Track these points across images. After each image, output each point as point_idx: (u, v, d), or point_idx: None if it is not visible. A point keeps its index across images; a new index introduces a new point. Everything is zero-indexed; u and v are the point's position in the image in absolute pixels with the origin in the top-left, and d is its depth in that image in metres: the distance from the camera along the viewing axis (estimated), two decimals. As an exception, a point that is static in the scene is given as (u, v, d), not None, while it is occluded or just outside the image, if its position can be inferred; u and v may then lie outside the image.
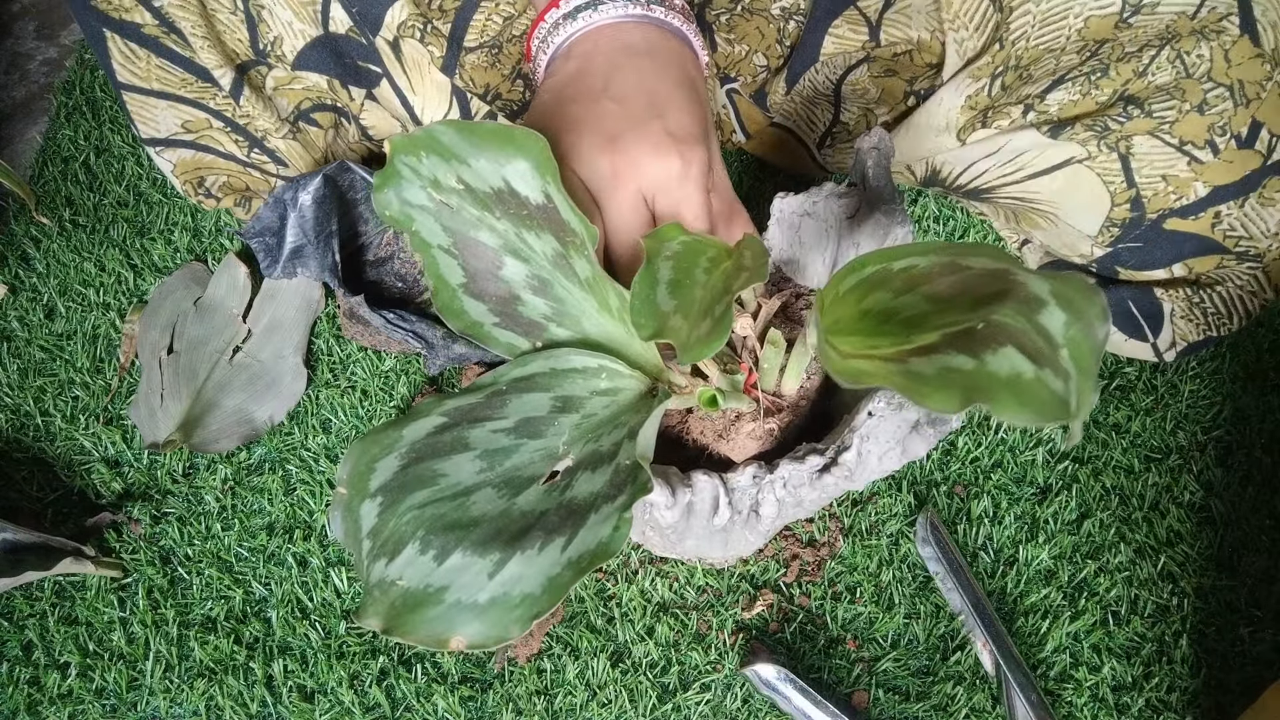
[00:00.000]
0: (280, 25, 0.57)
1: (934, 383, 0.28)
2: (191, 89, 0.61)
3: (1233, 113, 0.49)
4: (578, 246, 0.40)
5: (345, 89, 0.61)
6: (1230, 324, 0.56)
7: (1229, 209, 0.51)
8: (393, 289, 0.64)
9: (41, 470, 0.58)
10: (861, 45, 0.60)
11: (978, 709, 0.48)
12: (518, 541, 0.33)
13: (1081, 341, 0.27)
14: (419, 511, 0.35)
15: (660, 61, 0.47)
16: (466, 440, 0.38)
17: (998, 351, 0.28)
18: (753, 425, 0.41)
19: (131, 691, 0.50)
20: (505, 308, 0.42)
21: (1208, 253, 0.53)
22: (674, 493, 0.37)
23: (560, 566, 0.32)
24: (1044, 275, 0.29)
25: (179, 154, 0.64)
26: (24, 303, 0.65)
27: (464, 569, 0.33)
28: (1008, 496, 0.55)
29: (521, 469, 0.37)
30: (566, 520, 0.34)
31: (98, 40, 0.58)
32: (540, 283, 0.42)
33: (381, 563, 0.34)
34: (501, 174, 0.40)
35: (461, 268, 0.42)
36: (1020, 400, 0.27)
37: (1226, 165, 0.50)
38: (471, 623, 0.32)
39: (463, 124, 0.40)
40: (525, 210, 0.40)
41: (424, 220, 0.41)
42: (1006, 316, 0.28)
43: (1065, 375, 0.27)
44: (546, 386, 0.40)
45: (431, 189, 0.41)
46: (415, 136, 0.40)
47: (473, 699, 0.49)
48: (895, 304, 0.32)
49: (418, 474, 0.37)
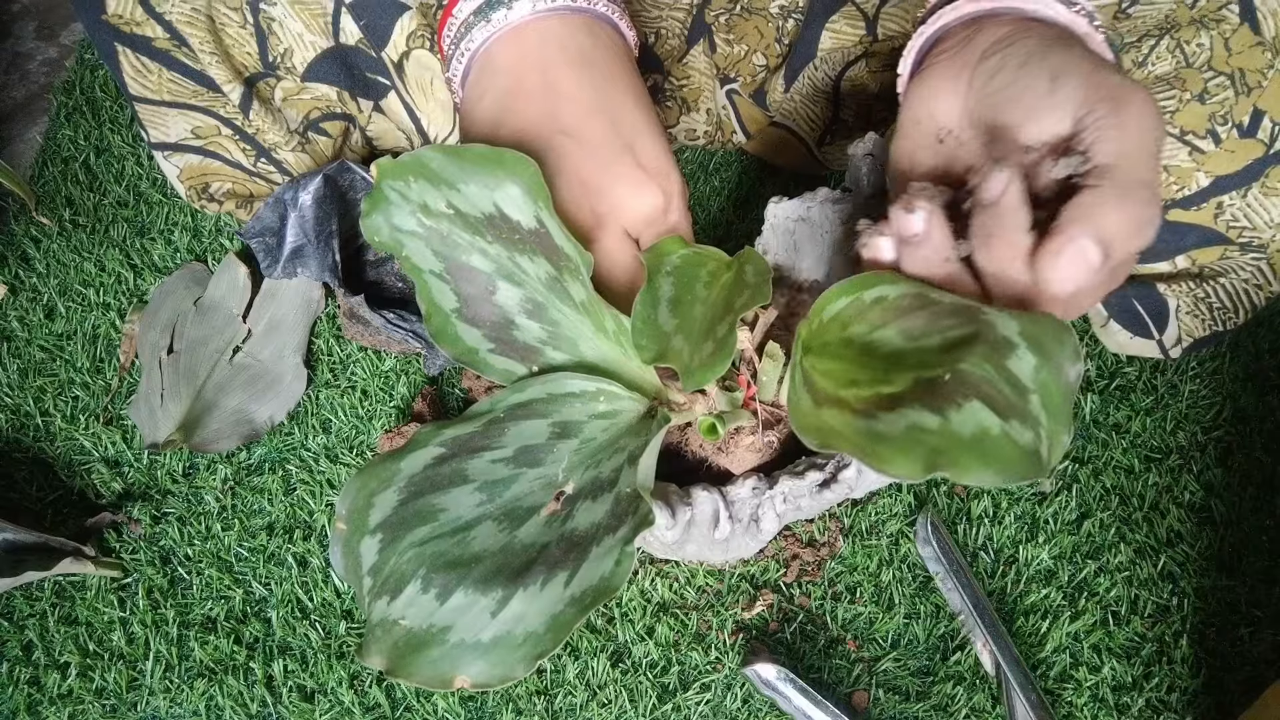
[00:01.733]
0: (291, 37, 0.57)
1: (897, 447, 0.27)
2: (203, 98, 0.61)
3: (1234, 101, 0.49)
4: (572, 270, 0.39)
5: (354, 100, 0.61)
6: (1236, 318, 0.56)
7: (1231, 199, 0.51)
8: (393, 289, 0.64)
9: (41, 470, 0.58)
10: (859, 40, 0.60)
11: (978, 709, 0.48)
12: (520, 578, 0.33)
13: (1051, 385, 0.27)
14: (420, 549, 0.35)
15: (602, 70, 0.44)
16: (465, 472, 0.38)
17: (962, 407, 0.27)
18: (752, 438, 0.41)
19: (131, 691, 0.50)
20: (500, 333, 0.42)
21: (1210, 244, 0.53)
22: (674, 513, 0.37)
23: (563, 604, 0.32)
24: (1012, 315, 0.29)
25: (186, 159, 0.64)
26: (24, 303, 0.65)
27: (466, 608, 0.33)
28: (1008, 496, 0.55)
29: (521, 499, 0.37)
30: (569, 554, 0.34)
31: (110, 54, 0.59)
32: (535, 306, 0.41)
33: (383, 601, 0.34)
34: (492, 199, 0.39)
35: (454, 293, 0.41)
36: (984, 461, 0.26)
37: (1228, 155, 0.50)
38: (475, 662, 0.32)
39: (451, 148, 0.39)
40: (517, 235, 0.40)
41: (414, 245, 0.41)
42: (973, 365, 0.28)
43: (1035, 423, 0.27)
44: (544, 413, 0.40)
45: (421, 214, 0.40)
46: (403, 162, 0.39)
47: (473, 699, 0.49)
48: (873, 338, 0.32)
49: (417, 509, 0.36)
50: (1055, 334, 0.28)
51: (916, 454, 0.27)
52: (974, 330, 0.29)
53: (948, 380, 0.28)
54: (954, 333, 0.30)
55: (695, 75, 0.67)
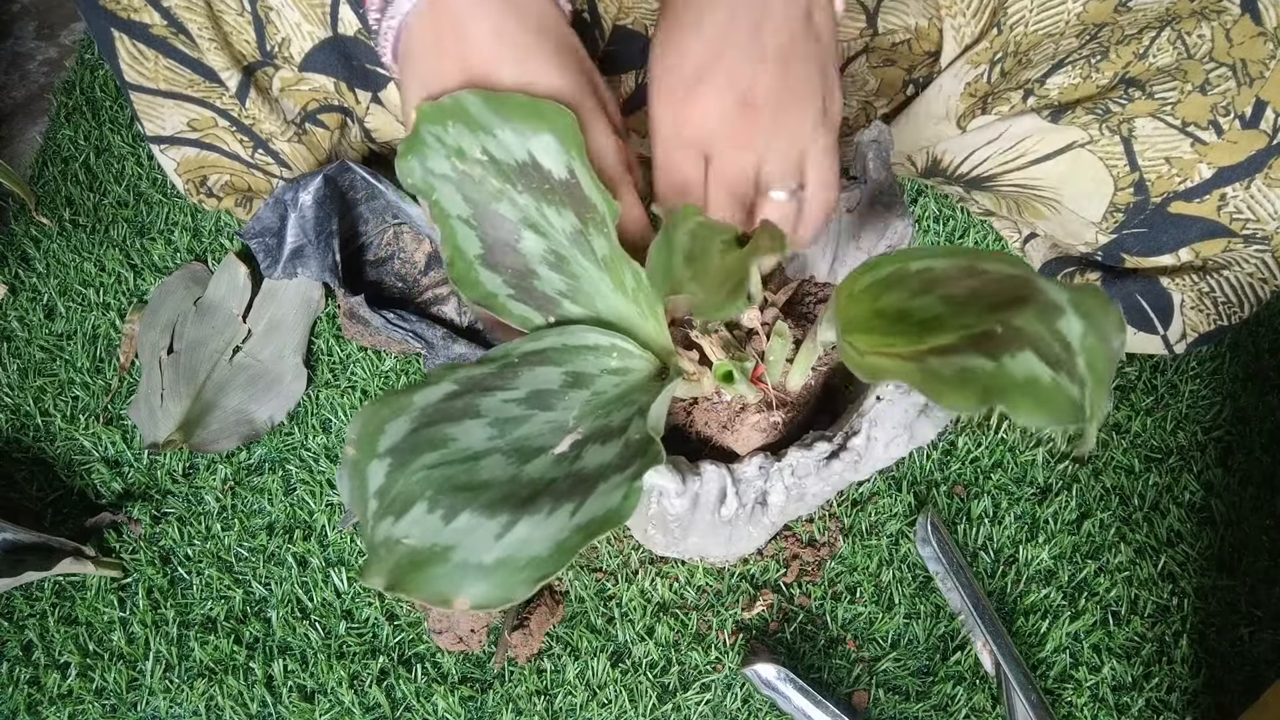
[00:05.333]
0: (288, 27, 0.57)
1: (952, 382, 0.28)
2: (199, 89, 0.61)
3: (1236, 92, 0.49)
4: (598, 224, 0.40)
5: (352, 91, 0.60)
6: (1241, 312, 0.55)
7: (1234, 190, 0.51)
8: (393, 289, 0.64)
9: (41, 470, 0.58)
10: (859, 33, 0.60)
11: (978, 709, 0.48)
12: (526, 505, 0.33)
13: (1097, 350, 0.28)
14: (429, 472, 0.35)
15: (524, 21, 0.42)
16: (478, 407, 0.38)
17: (1016, 355, 0.28)
18: (757, 417, 0.41)
19: (131, 691, 0.50)
20: (521, 281, 0.42)
21: (1214, 236, 0.53)
22: (684, 480, 0.37)
23: (569, 531, 0.32)
24: (1062, 285, 0.30)
25: (183, 152, 0.64)
26: (24, 303, 0.65)
27: (472, 529, 0.33)
28: (1008, 496, 0.55)
29: (531, 438, 0.37)
30: (576, 488, 0.34)
31: (106, 40, 0.58)
32: (557, 258, 0.42)
33: (388, 521, 0.34)
34: (527, 147, 0.40)
35: (480, 239, 0.42)
36: (1037, 403, 0.27)
37: (1231, 146, 0.50)
38: (477, 583, 0.32)
39: (490, 95, 0.40)
40: (548, 184, 0.41)
41: (445, 190, 0.41)
42: (1026, 322, 0.29)
43: (1081, 381, 0.27)
44: (558, 361, 0.41)
45: (456, 159, 0.41)
46: (444, 105, 0.40)
47: (473, 699, 0.49)
48: (911, 305, 0.32)
49: (428, 436, 0.37)
50: (1101, 305, 0.29)
51: (970, 389, 0.28)
52: (1024, 294, 0.30)
53: (1000, 332, 0.29)
54: (1003, 297, 0.30)
55: None
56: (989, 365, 0.28)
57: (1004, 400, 0.27)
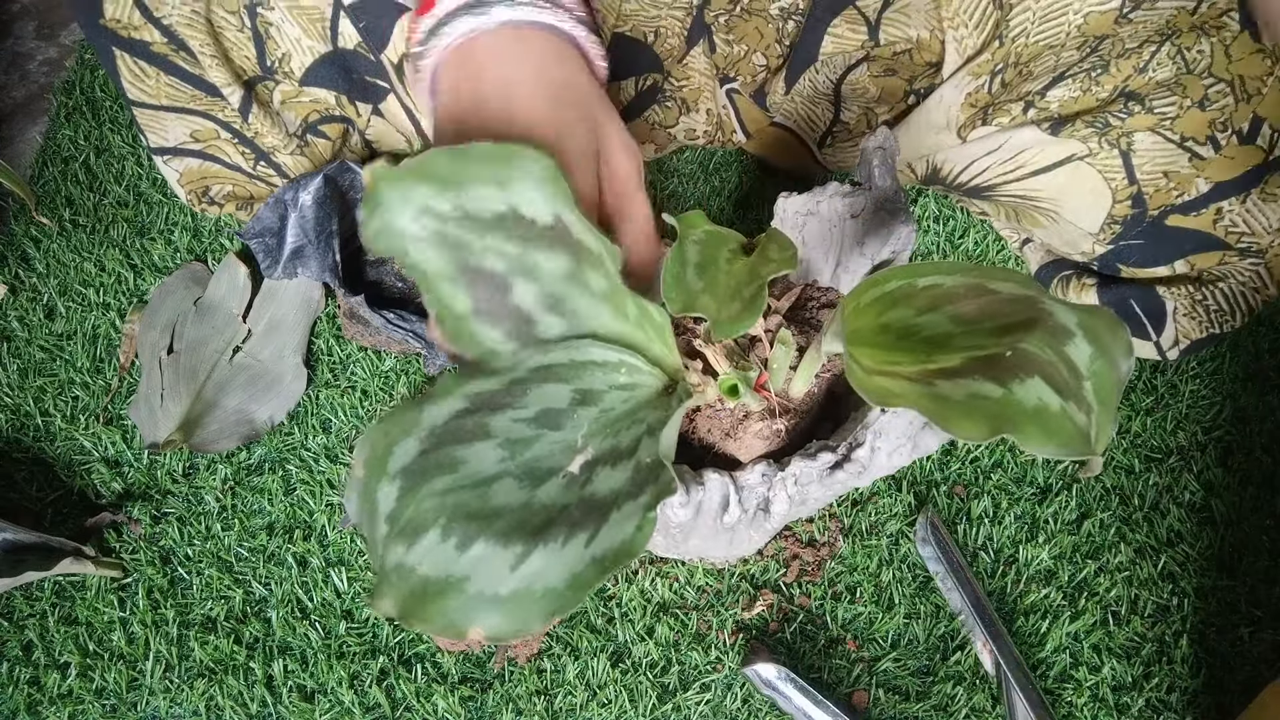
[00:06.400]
0: (289, 42, 0.57)
1: (961, 409, 0.28)
2: (201, 103, 0.61)
3: (1234, 108, 0.49)
4: (593, 262, 0.39)
5: (353, 104, 0.60)
6: (1233, 320, 0.56)
7: (1231, 205, 0.51)
8: (393, 289, 0.64)
9: (41, 470, 0.58)
10: (861, 44, 0.60)
11: (978, 709, 0.48)
12: (540, 534, 0.33)
13: (1105, 375, 0.28)
14: (440, 498, 0.35)
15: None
16: (488, 428, 0.38)
17: (1025, 382, 0.28)
18: (760, 425, 0.41)
19: (131, 691, 0.50)
20: (520, 328, 0.41)
21: (1210, 249, 0.53)
22: (687, 490, 0.37)
23: (584, 563, 0.32)
24: (1071, 306, 0.30)
25: (186, 163, 0.64)
26: (24, 303, 0.65)
27: (487, 560, 0.33)
28: (1008, 496, 0.55)
29: (542, 459, 0.37)
30: (589, 515, 0.34)
31: (108, 59, 0.59)
32: (554, 300, 0.40)
33: (400, 548, 0.34)
34: (504, 198, 0.38)
35: (468, 295, 0.40)
36: (1046, 432, 0.27)
37: (1228, 161, 0.50)
38: (492, 615, 0.31)
39: (456, 150, 0.38)
40: (533, 231, 0.39)
41: (420, 251, 0.39)
42: (1034, 346, 0.29)
43: (1088, 408, 0.28)
44: (566, 378, 0.40)
45: (427, 218, 0.39)
46: (405, 169, 0.37)
47: (473, 699, 0.49)
48: (917, 321, 0.32)
49: (438, 460, 0.36)
50: (1111, 328, 0.29)
51: (980, 417, 0.28)
52: (1033, 316, 0.30)
53: (1009, 357, 0.29)
54: (1012, 319, 0.30)
55: (695, 76, 0.67)
56: (997, 392, 0.28)
57: (1014, 430, 0.27)
